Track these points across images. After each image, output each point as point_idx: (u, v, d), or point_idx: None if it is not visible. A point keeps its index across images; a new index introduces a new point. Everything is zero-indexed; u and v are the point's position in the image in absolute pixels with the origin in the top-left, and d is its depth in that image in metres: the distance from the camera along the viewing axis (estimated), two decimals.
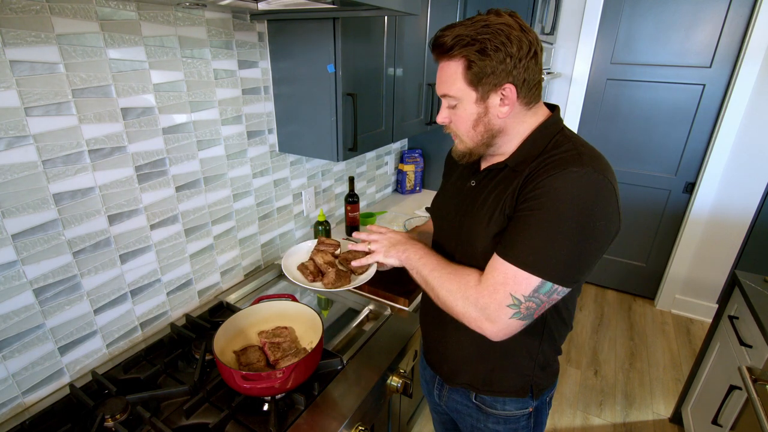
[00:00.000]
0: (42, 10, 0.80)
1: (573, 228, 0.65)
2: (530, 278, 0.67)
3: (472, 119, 0.75)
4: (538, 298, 0.69)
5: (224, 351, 0.95)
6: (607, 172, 0.68)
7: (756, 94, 2.14)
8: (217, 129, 1.24)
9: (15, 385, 0.91)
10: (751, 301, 1.36)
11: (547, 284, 0.67)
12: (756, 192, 2.29)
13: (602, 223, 0.67)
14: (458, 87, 0.72)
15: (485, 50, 0.68)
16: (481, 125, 0.75)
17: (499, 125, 0.75)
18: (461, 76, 0.71)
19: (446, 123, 0.80)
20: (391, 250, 0.92)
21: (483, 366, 0.88)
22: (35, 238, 0.88)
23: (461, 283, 0.76)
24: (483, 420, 0.94)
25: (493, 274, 0.71)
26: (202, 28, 1.12)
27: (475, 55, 0.68)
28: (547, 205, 0.67)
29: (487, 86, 0.71)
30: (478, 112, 0.74)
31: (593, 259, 0.69)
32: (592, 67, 2.52)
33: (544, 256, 0.67)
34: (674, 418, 1.91)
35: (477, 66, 0.69)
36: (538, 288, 0.68)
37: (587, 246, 0.67)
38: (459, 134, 0.79)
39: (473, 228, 0.80)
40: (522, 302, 0.68)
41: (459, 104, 0.75)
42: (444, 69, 0.74)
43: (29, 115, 0.83)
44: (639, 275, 2.86)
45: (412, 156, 2.35)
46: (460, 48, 0.69)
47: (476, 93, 0.72)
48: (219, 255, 1.36)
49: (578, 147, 0.71)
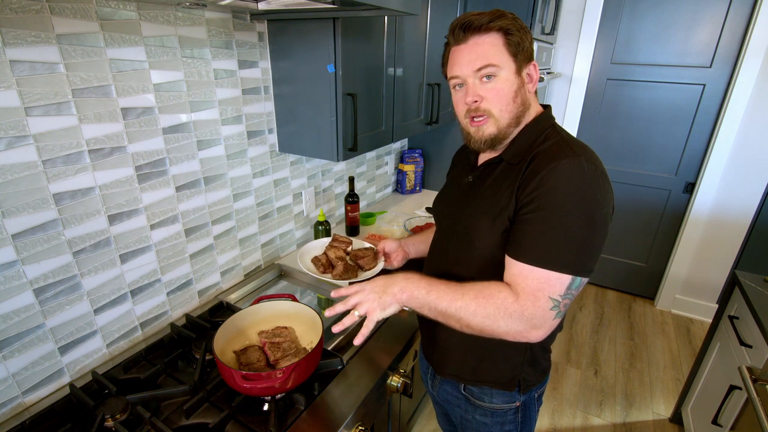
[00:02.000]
0: (42, 10, 0.80)
1: (583, 220, 0.68)
2: (562, 277, 0.69)
3: (513, 89, 0.76)
4: (571, 294, 0.71)
5: (224, 351, 0.95)
6: (597, 161, 0.72)
7: (756, 94, 2.14)
8: (217, 129, 1.24)
9: (15, 385, 0.91)
10: (751, 301, 1.36)
11: (577, 279, 0.70)
12: (756, 192, 2.29)
13: (604, 209, 0.70)
14: (500, 56, 0.74)
15: (518, 26, 0.73)
16: (519, 97, 0.77)
17: (529, 102, 0.79)
18: (502, 46, 0.74)
19: (479, 101, 0.76)
20: (385, 298, 0.79)
21: (471, 356, 0.90)
22: (35, 238, 0.88)
23: (497, 303, 0.72)
24: (471, 411, 0.95)
25: (527, 282, 0.71)
26: (202, 28, 1.12)
27: (514, 25, 0.73)
28: (552, 203, 0.69)
29: (521, 60, 0.75)
30: (518, 83, 0.76)
31: (602, 245, 0.73)
32: (592, 67, 2.52)
33: (566, 253, 0.69)
34: (674, 418, 1.91)
35: (516, 37, 0.73)
36: (570, 285, 0.70)
37: (597, 234, 0.70)
38: (494, 110, 0.76)
39: (470, 223, 0.82)
40: (560, 301, 0.71)
41: (499, 75, 0.75)
42: (478, 44, 0.74)
43: (29, 115, 0.83)
44: (639, 275, 2.86)
45: (412, 156, 2.35)
46: (498, 20, 0.73)
47: (515, 64, 0.75)
48: (219, 255, 1.36)
49: (566, 139, 0.75)
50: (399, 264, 1.03)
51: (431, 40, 1.66)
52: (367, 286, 0.82)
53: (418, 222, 1.90)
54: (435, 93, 1.79)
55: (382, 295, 0.79)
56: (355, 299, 0.81)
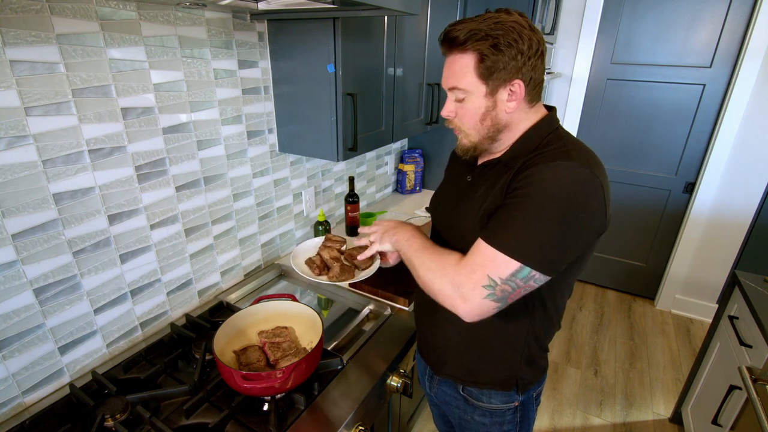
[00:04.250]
0: (42, 9, 0.80)
1: (554, 217, 0.68)
2: (509, 262, 0.69)
3: (480, 113, 0.76)
4: (514, 282, 0.70)
5: (224, 351, 0.95)
6: (596, 168, 0.70)
7: (756, 94, 2.14)
8: (217, 129, 1.24)
9: (15, 384, 0.91)
10: (751, 301, 1.36)
11: (525, 269, 0.69)
12: (756, 192, 2.29)
13: (584, 216, 0.69)
14: (468, 80, 0.74)
15: (498, 45, 0.70)
16: (489, 119, 0.77)
17: (506, 120, 0.77)
18: (473, 69, 0.72)
19: (451, 117, 0.80)
20: (384, 237, 0.95)
21: (468, 356, 0.90)
22: (35, 238, 0.88)
23: (441, 261, 0.77)
24: (470, 412, 0.95)
25: (473, 256, 0.73)
26: (202, 27, 1.12)
27: (489, 50, 0.70)
28: (531, 195, 0.69)
29: (498, 81, 0.73)
30: (487, 105, 0.75)
31: (573, 251, 0.71)
32: (592, 67, 2.52)
33: (524, 242, 0.68)
34: (674, 418, 1.91)
35: (490, 60, 0.71)
36: (515, 272, 0.69)
37: (567, 236, 0.69)
38: (464, 128, 0.80)
39: (464, 221, 0.83)
40: (498, 284, 0.70)
41: (467, 97, 0.76)
42: (454, 62, 0.74)
43: (29, 114, 0.83)
44: (639, 275, 2.86)
45: (412, 156, 2.35)
46: (473, 42, 0.71)
47: (486, 87, 0.74)
48: (219, 255, 1.36)
49: (567, 144, 0.74)
50: (395, 261, 1.03)
51: (431, 40, 1.66)
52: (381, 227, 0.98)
53: (418, 222, 1.90)
54: (435, 93, 1.79)
55: (383, 234, 0.96)
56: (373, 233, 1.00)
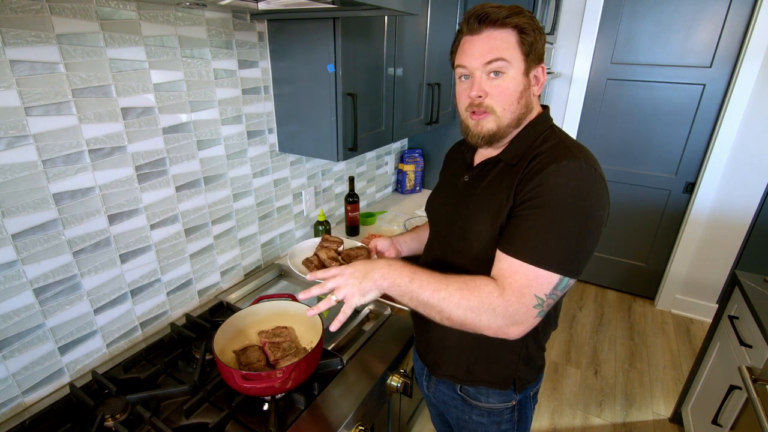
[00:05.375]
0: (42, 9, 0.80)
1: (578, 222, 0.68)
2: (551, 276, 0.69)
3: (519, 89, 0.74)
4: (556, 294, 0.70)
5: (224, 351, 0.95)
6: (596, 164, 0.72)
7: (756, 94, 2.14)
8: (217, 129, 1.24)
9: (15, 384, 0.91)
10: (751, 301, 1.36)
11: (564, 279, 0.69)
12: (756, 192, 2.29)
13: (600, 213, 0.70)
14: (512, 53, 0.72)
15: (534, 26, 0.71)
16: (524, 99, 0.76)
17: (532, 104, 0.77)
18: (515, 43, 0.72)
19: (483, 96, 0.75)
20: (365, 283, 0.75)
21: (465, 356, 0.89)
22: (35, 238, 0.88)
23: (482, 297, 0.70)
24: (467, 412, 0.95)
25: (514, 278, 0.70)
26: (202, 27, 1.12)
27: (530, 25, 0.71)
28: (550, 203, 0.68)
29: (532, 61, 0.73)
30: (524, 83, 0.75)
31: (593, 249, 0.72)
32: (592, 67, 2.52)
33: (558, 253, 0.68)
34: (674, 418, 1.91)
35: (531, 36, 0.71)
36: (557, 285, 0.69)
37: (590, 237, 0.70)
38: (497, 108, 0.75)
39: (467, 223, 0.81)
40: (545, 300, 0.70)
41: (507, 72, 0.73)
42: (492, 37, 0.72)
43: (29, 114, 0.83)
44: (639, 275, 2.86)
45: (412, 156, 2.35)
46: (517, 17, 0.71)
47: (524, 64, 0.73)
48: (219, 255, 1.36)
49: (566, 142, 0.75)
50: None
51: (431, 40, 1.66)
52: (347, 270, 0.77)
53: (418, 222, 1.90)
54: (435, 93, 1.79)
55: (362, 280, 0.75)
56: (333, 283, 0.77)
